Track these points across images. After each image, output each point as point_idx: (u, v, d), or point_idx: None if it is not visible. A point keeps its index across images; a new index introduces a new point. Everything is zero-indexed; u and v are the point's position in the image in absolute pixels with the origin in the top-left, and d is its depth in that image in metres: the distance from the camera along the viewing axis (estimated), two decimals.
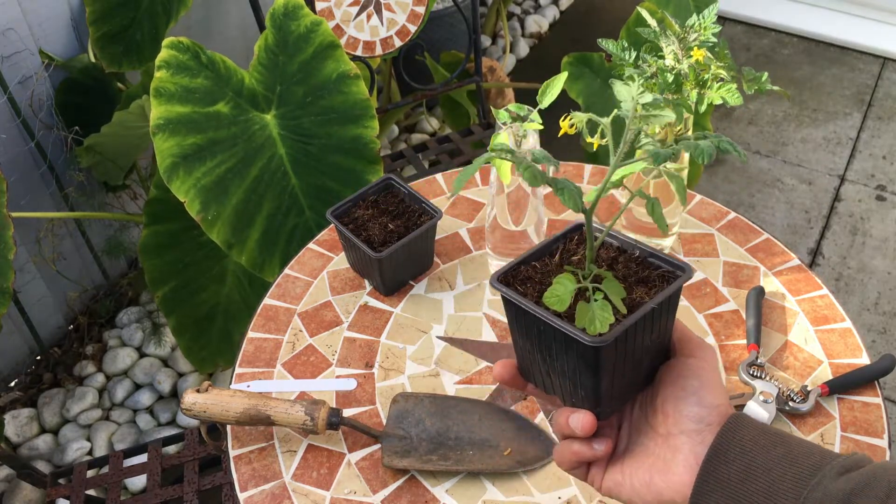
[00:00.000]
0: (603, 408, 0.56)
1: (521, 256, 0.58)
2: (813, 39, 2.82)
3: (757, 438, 0.52)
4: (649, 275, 0.56)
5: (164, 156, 1.23)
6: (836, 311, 0.97)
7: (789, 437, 0.52)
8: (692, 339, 0.57)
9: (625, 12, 2.96)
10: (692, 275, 0.55)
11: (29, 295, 1.76)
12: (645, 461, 0.55)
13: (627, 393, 0.58)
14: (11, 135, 1.62)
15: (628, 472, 0.56)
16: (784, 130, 2.49)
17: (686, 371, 0.55)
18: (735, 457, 0.51)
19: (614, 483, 0.56)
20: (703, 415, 0.53)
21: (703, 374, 0.54)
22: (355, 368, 0.94)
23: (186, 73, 1.28)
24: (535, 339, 0.56)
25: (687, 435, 0.53)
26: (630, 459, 0.56)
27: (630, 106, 0.52)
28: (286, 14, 1.36)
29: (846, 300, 2.00)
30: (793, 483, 0.49)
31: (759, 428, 0.53)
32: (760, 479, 0.50)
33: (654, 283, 0.55)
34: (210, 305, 1.57)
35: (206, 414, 0.85)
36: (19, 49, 1.58)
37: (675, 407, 0.54)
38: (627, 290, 0.54)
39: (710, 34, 0.84)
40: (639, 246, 0.58)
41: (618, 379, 0.55)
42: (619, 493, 0.56)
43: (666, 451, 0.54)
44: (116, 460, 1.28)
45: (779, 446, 0.51)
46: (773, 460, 0.50)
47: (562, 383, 0.56)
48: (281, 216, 1.31)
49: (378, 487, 0.83)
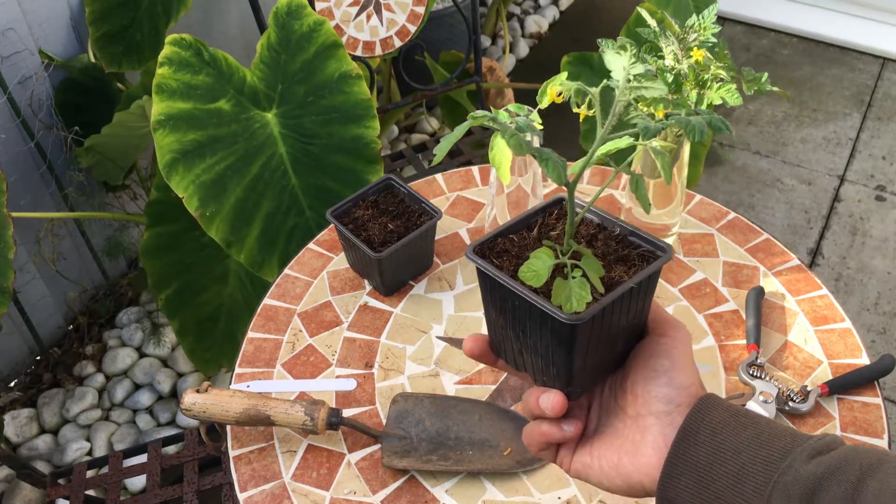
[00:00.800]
0: (574, 387, 0.55)
1: (498, 228, 0.57)
2: (813, 39, 2.82)
3: (727, 420, 0.51)
4: (629, 253, 0.55)
5: (164, 151, 1.23)
6: (836, 311, 0.97)
7: (760, 418, 0.52)
8: (666, 319, 0.55)
9: (625, 12, 2.96)
10: (672, 255, 0.54)
11: (29, 295, 1.76)
12: (614, 443, 0.54)
13: (599, 373, 0.56)
14: (11, 135, 1.62)
15: (597, 454, 0.55)
16: (784, 130, 2.49)
17: (657, 350, 0.53)
18: (704, 439, 0.50)
19: (583, 465, 0.55)
20: (673, 396, 0.52)
21: (674, 353, 0.53)
22: (355, 368, 0.94)
23: (188, 70, 1.28)
24: (508, 315, 0.54)
25: (656, 416, 0.52)
26: (599, 441, 0.55)
27: (621, 76, 0.51)
28: (289, 13, 1.36)
29: (846, 300, 2.00)
30: (763, 466, 0.49)
31: (730, 409, 0.52)
32: (730, 462, 0.49)
33: (633, 262, 0.54)
34: (213, 307, 1.57)
35: (205, 414, 0.85)
36: (19, 49, 1.58)
37: (645, 387, 0.53)
38: (606, 268, 0.53)
39: (709, 34, 0.84)
40: (619, 223, 0.56)
41: (591, 358, 0.53)
42: (587, 475, 0.55)
43: (635, 432, 0.53)
44: (116, 460, 1.28)
45: (749, 428, 0.50)
46: (743, 442, 0.50)
47: (534, 361, 0.55)
48: (281, 215, 1.31)
49: (378, 487, 0.83)
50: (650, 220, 1.00)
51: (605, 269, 0.53)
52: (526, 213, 0.58)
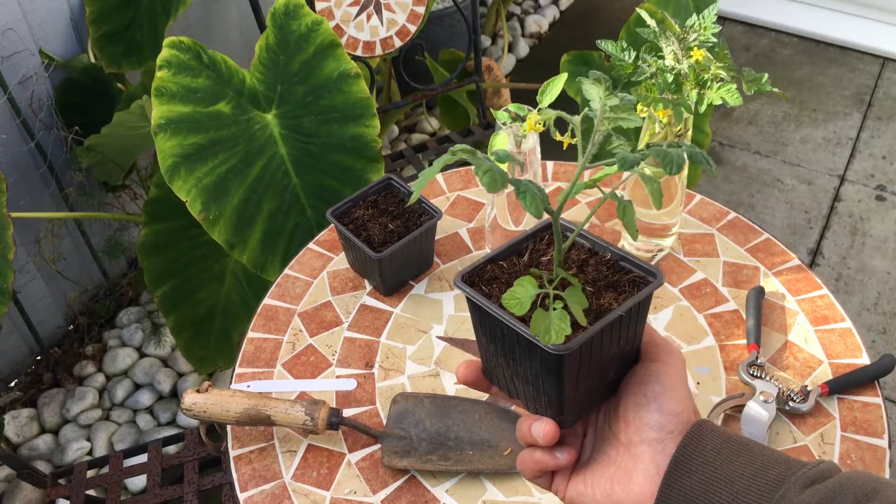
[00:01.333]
0: (566, 416, 0.54)
1: (487, 255, 0.56)
2: (813, 39, 2.82)
3: (720, 448, 0.50)
4: (619, 279, 0.54)
5: (165, 155, 1.23)
6: (836, 311, 0.97)
7: (754, 444, 0.51)
8: (658, 343, 0.55)
9: (625, 12, 2.96)
10: (662, 281, 0.53)
11: (29, 295, 1.76)
12: (607, 470, 0.54)
13: (592, 401, 0.56)
14: (11, 135, 1.62)
15: (590, 482, 0.54)
16: (784, 130, 2.49)
17: (647, 376, 0.53)
18: (697, 468, 0.50)
19: (577, 493, 0.55)
20: (664, 423, 0.51)
21: (665, 379, 0.52)
22: (355, 368, 0.94)
23: (188, 73, 1.28)
24: (498, 342, 0.54)
25: (647, 444, 0.51)
26: (592, 468, 0.55)
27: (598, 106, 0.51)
28: (287, 13, 1.36)
29: (846, 300, 2.00)
30: (756, 496, 0.48)
31: (722, 436, 0.51)
32: (723, 492, 0.48)
33: (623, 289, 0.53)
34: (209, 305, 1.57)
35: (206, 414, 0.85)
36: (19, 49, 1.58)
37: (636, 414, 0.52)
38: (595, 294, 0.53)
39: (709, 34, 0.84)
40: (610, 248, 0.55)
41: (582, 387, 0.53)
42: (581, 502, 0.55)
43: (627, 459, 0.53)
44: (116, 460, 1.28)
45: (742, 455, 0.50)
46: (737, 471, 0.49)
47: (525, 389, 0.55)
48: (282, 215, 1.31)
49: (378, 487, 0.83)
50: (650, 220, 1.00)
51: (595, 296, 0.52)
52: (516, 240, 0.57)
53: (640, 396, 0.52)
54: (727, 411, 0.87)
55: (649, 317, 0.97)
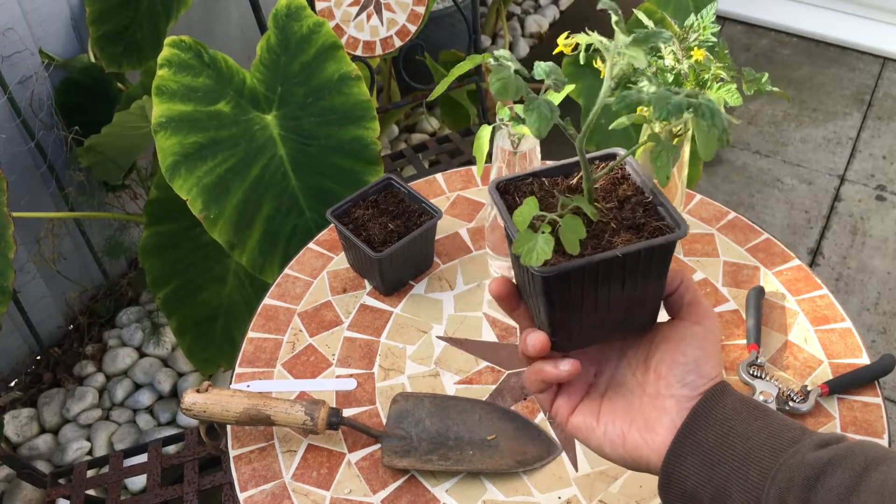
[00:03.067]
0: (558, 339, 0.54)
1: (536, 168, 0.56)
2: (813, 39, 2.82)
3: (739, 408, 0.52)
4: (647, 223, 0.53)
5: (165, 154, 1.23)
6: (836, 311, 0.97)
7: (771, 411, 0.52)
8: (701, 305, 0.55)
9: (625, 12, 2.96)
10: (683, 234, 0.51)
11: (29, 295, 1.76)
12: (625, 415, 0.55)
13: (591, 335, 0.56)
14: (11, 135, 1.62)
15: (604, 420, 0.55)
16: (784, 130, 2.49)
17: (690, 337, 0.54)
18: (714, 422, 0.51)
19: (585, 426, 0.56)
20: (698, 384, 0.53)
21: (707, 344, 0.54)
22: (355, 368, 0.94)
23: (188, 72, 1.28)
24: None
25: (676, 399, 0.53)
26: (608, 410, 0.56)
27: (612, 45, 0.50)
28: (289, 15, 1.36)
29: (846, 300, 2.00)
30: (770, 452, 0.49)
31: (742, 399, 0.53)
32: (737, 447, 0.50)
33: (643, 233, 0.52)
34: (211, 306, 1.57)
35: (205, 414, 0.85)
36: (19, 49, 1.58)
37: (671, 370, 0.53)
38: (615, 231, 0.52)
39: (709, 34, 0.84)
40: (655, 191, 0.54)
41: (573, 317, 0.53)
42: (586, 436, 0.56)
43: (651, 410, 0.54)
44: (116, 460, 1.28)
45: (759, 419, 0.51)
46: (753, 430, 0.51)
47: (531, 303, 0.55)
48: (281, 217, 1.31)
49: (378, 487, 0.83)
50: None
51: (613, 233, 0.52)
52: (569, 161, 0.56)
53: (678, 354, 0.54)
54: None
55: None
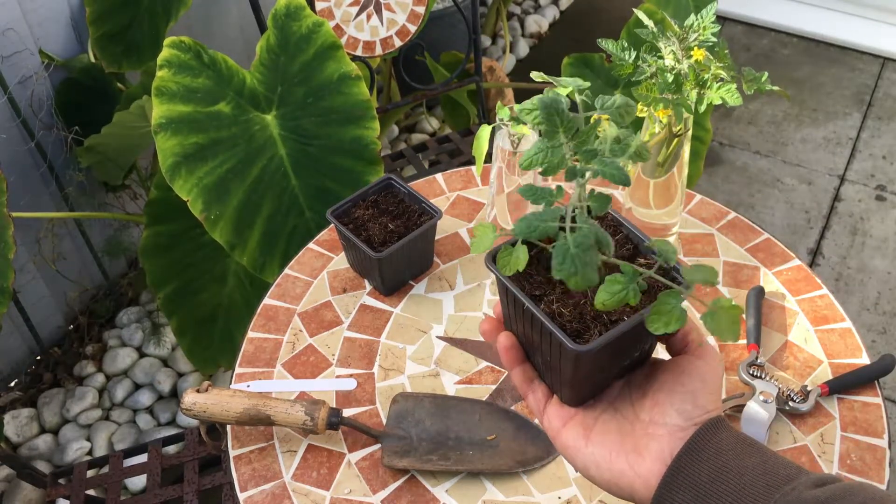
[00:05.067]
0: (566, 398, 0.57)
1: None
2: (813, 39, 2.82)
3: (734, 445, 0.51)
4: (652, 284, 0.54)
5: (166, 155, 1.23)
6: (836, 311, 0.97)
7: (767, 449, 0.52)
8: (706, 345, 0.56)
9: (625, 12, 2.96)
10: (688, 290, 0.52)
11: (29, 295, 1.76)
12: (616, 437, 0.55)
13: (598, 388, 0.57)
14: (11, 135, 1.62)
15: (593, 441, 0.55)
16: (784, 130, 2.49)
17: (692, 369, 0.54)
18: (709, 457, 0.51)
19: (574, 445, 0.56)
20: (694, 414, 0.53)
21: (707, 377, 0.54)
22: (355, 368, 0.94)
23: (188, 73, 1.28)
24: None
25: (668, 428, 0.53)
26: (600, 430, 0.56)
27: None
28: (288, 15, 1.36)
29: (846, 300, 2.00)
30: (764, 489, 0.49)
31: (738, 435, 0.52)
32: (731, 482, 0.49)
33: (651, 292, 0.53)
34: (212, 306, 1.57)
35: (205, 414, 0.85)
36: (19, 49, 1.58)
37: (669, 398, 0.54)
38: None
39: (709, 34, 0.84)
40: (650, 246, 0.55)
41: (587, 379, 0.55)
42: (573, 455, 0.56)
43: (642, 436, 0.54)
44: (116, 460, 1.28)
45: (755, 455, 0.51)
46: (747, 467, 0.50)
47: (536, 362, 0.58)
48: (281, 217, 1.31)
49: (378, 487, 0.83)
50: (651, 220, 1.00)
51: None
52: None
53: (678, 384, 0.54)
54: (727, 411, 0.87)
55: None
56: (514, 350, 0.58)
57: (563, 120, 0.50)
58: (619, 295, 0.50)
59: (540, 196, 0.50)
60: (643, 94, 0.84)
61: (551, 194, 0.50)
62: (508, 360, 0.58)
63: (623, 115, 0.51)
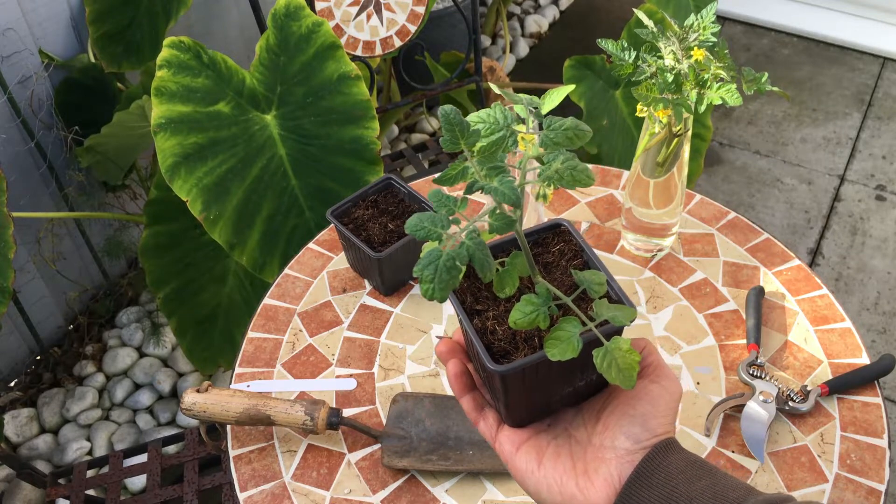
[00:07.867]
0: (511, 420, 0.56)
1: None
2: (813, 39, 2.82)
3: (683, 468, 0.51)
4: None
5: (165, 155, 1.23)
6: (836, 311, 0.97)
7: (717, 470, 0.52)
8: (661, 367, 0.55)
9: (625, 12, 2.96)
10: (632, 316, 0.51)
11: (29, 295, 1.76)
12: (567, 462, 0.54)
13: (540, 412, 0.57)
14: (11, 135, 1.62)
15: (546, 464, 0.55)
16: (784, 130, 2.49)
17: (643, 394, 0.54)
18: (658, 483, 0.50)
19: (526, 468, 0.55)
20: (643, 438, 0.52)
21: (659, 401, 0.53)
22: (355, 368, 0.94)
23: (188, 73, 1.28)
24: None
25: (616, 452, 0.52)
26: (553, 454, 0.55)
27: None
28: (287, 15, 1.36)
29: (846, 300, 2.00)
30: None
31: (688, 458, 0.52)
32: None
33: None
34: (211, 306, 1.57)
35: (205, 414, 0.85)
36: (19, 49, 1.58)
37: (618, 422, 0.53)
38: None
39: (709, 34, 0.84)
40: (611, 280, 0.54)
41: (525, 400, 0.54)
42: (524, 477, 0.55)
43: (592, 459, 0.53)
44: (116, 460, 1.28)
45: (704, 478, 0.50)
46: (696, 490, 0.49)
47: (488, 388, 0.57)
48: (281, 216, 1.31)
49: (378, 487, 0.83)
50: (650, 220, 1.00)
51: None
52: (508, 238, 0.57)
53: (628, 408, 0.53)
54: (727, 411, 0.87)
55: (651, 323, 0.97)
56: (464, 377, 0.57)
57: (464, 133, 0.49)
58: (529, 316, 0.49)
59: (442, 203, 0.50)
60: (643, 94, 0.84)
61: (455, 203, 0.50)
62: (458, 387, 0.57)
63: (571, 139, 0.50)
